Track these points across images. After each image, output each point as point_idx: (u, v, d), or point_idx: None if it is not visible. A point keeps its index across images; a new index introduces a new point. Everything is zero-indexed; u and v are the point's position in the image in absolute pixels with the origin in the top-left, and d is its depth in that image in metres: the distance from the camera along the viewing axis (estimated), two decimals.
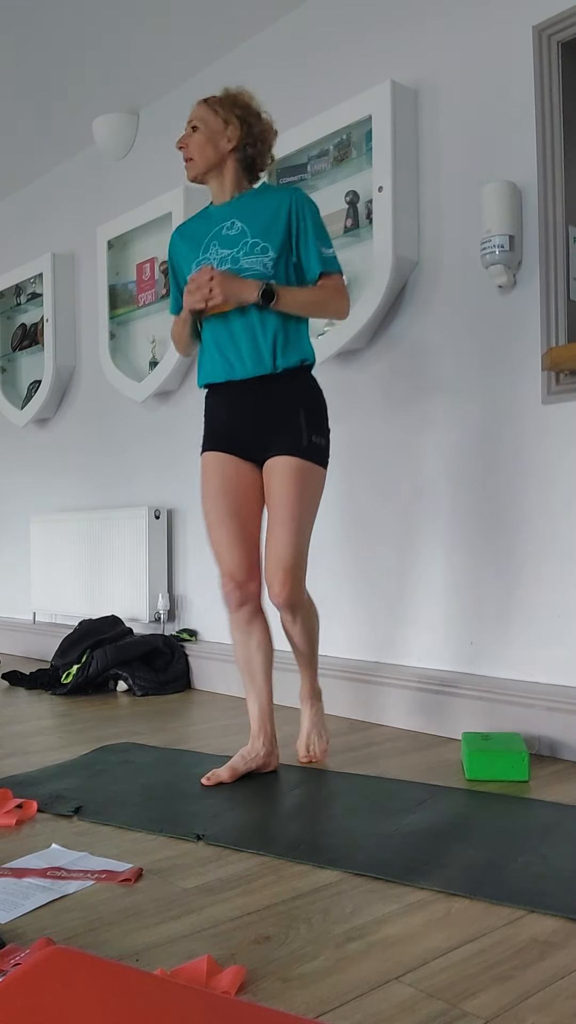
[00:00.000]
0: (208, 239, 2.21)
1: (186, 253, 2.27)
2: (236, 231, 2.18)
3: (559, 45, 2.43)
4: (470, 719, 2.52)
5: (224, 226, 2.20)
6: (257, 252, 2.15)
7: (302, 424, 2.15)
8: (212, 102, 2.21)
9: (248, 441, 2.19)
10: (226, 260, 2.16)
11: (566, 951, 1.25)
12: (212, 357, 2.21)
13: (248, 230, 2.17)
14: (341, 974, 1.20)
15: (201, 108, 2.21)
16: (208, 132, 2.19)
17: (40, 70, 3.57)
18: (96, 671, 3.39)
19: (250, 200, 2.21)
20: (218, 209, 2.24)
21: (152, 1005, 1.00)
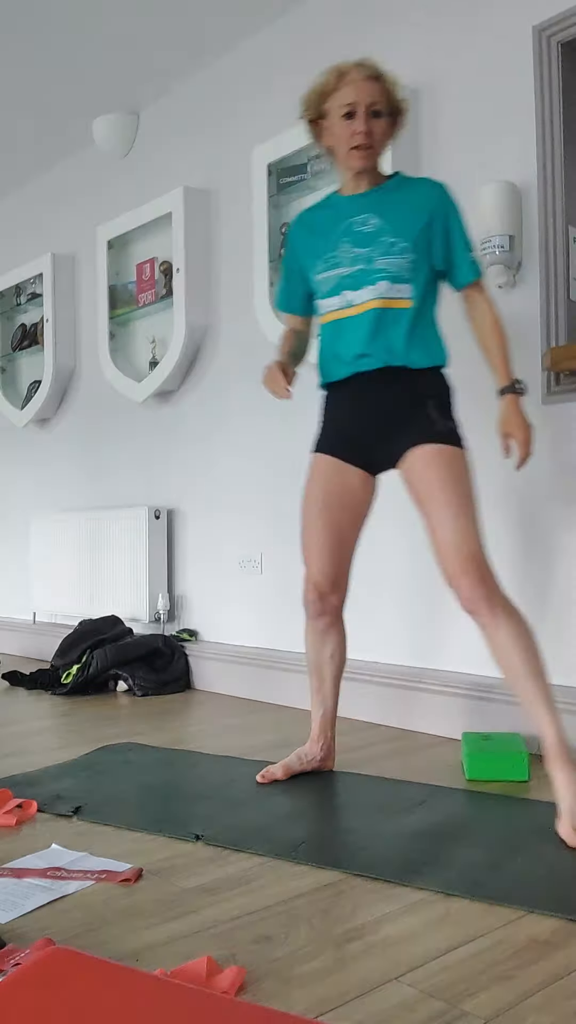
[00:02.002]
0: (338, 234, 2.03)
1: (311, 246, 2.08)
2: (371, 228, 1.99)
3: (559, 45, 2.43)
4: (470, 719, 2.52)
5: (356, 221, 2.01)
6: (395, 253, 1.97)
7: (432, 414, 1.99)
8: (389, 83, 1.99)
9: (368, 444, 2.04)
10: (359, 260, 1.99)
11: (566, 951, 1.25)
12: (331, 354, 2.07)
13: (385, 227, 1.98)
14: (341, 974, 1.20)
15: (379, 88, 1.97)
16: (388, 121, 1.99)
17: (40, 70, 3.56)
18: (96, 671, 3.39)
19: (389, 193, 2.02)
20: (350, 201, 2.04)
21: (152, 1005, 1.00)
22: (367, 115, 1.96)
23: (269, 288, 3.17)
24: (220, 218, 3.54)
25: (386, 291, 1.97)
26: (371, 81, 1.96)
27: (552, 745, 1.75)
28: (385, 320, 1.98)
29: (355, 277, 2.00)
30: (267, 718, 2.90)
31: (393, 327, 1.98)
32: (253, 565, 3.38)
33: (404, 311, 1.98)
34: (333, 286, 2.03)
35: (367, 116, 1.96)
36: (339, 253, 2.02)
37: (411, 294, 1.98)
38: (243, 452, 3.43)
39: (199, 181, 3.64)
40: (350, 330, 2.02)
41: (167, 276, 3.72)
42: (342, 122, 1.97)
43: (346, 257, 2.01)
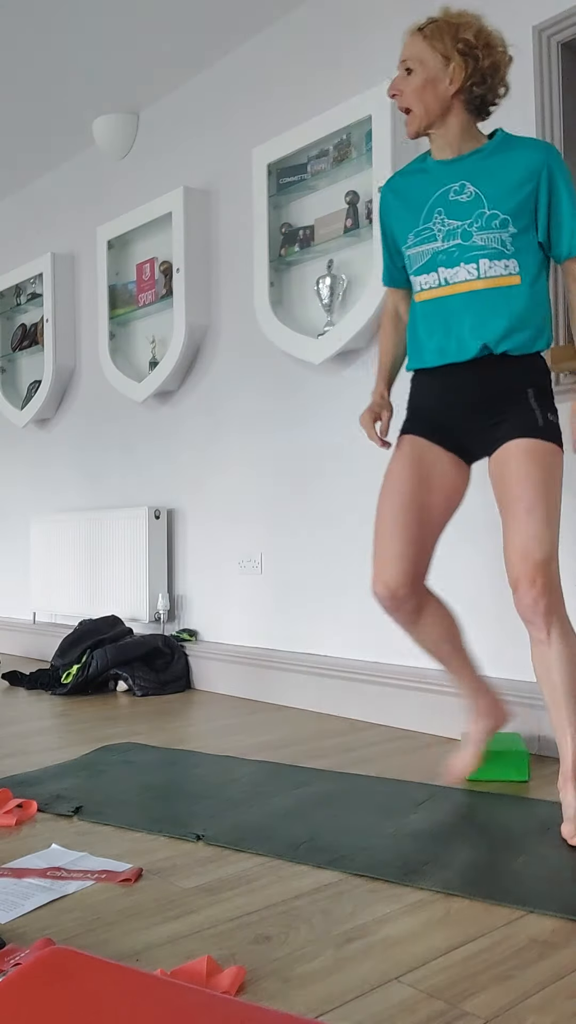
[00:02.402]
0: (431, 204, 1.84)
1: (402, 218, 1.90)
2: (468, 197, 1.80)
3: (559, 45, 2.43)
4: None
5: (452, 189, 1.82)
6: (495, 226, 1.78)
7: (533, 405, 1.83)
8: (429, 34, 1.80)
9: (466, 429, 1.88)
10: (454, 233, 1.81)
11: (566, 951, 1.25)
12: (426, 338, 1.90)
13: (484, 197, 1.79)
14: (341, 974, 1.20)
15: (415, 42, 1.81)
16: (427, 74, 1.80)
17: (40, 70, 3.56)
18: (96, 671, 3.39)
19: (487, 158, 1.82)
20: (443, 166, 1.85)
21: (152, 1005, 1.00)
22: (400, 75, 1.83)
23: (269, 288, 3.18)
24: (220, 218, 3.54)
25: (486, 269, 1.80)
26: (409, 36, 1.82)
27: (569, 766, 1.71)
28: (485, 301, 1.80)
29: (450, 253, 1.83)
30: (267, 718, 2.90)
31: (494, 309, 1.80)
32: (253, 565, 3.38)
33: (508, 290, 1.80)
34: (426, 262, 1.86)
35: (400, 76, 1.83)
36: (432, 225, 1.84)
37: (516, 270, 1.80)
38: (243, 452, 3.43)
39: (199, 181, 3.64)
40: (445, 312, 1.85)
41: (167, 276, 3.72)
42: None
43: (440, 230, 1.83)
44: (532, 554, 1.71)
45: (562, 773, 1.72)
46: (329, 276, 3.01)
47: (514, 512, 1.75)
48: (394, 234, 1.95)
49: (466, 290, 1.82)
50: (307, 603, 3.16)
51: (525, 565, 1.71)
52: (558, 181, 1.78)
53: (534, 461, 1.76)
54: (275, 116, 3.29)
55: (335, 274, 3.01)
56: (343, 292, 3.02)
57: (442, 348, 1.86)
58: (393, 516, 1.87)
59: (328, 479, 3.10)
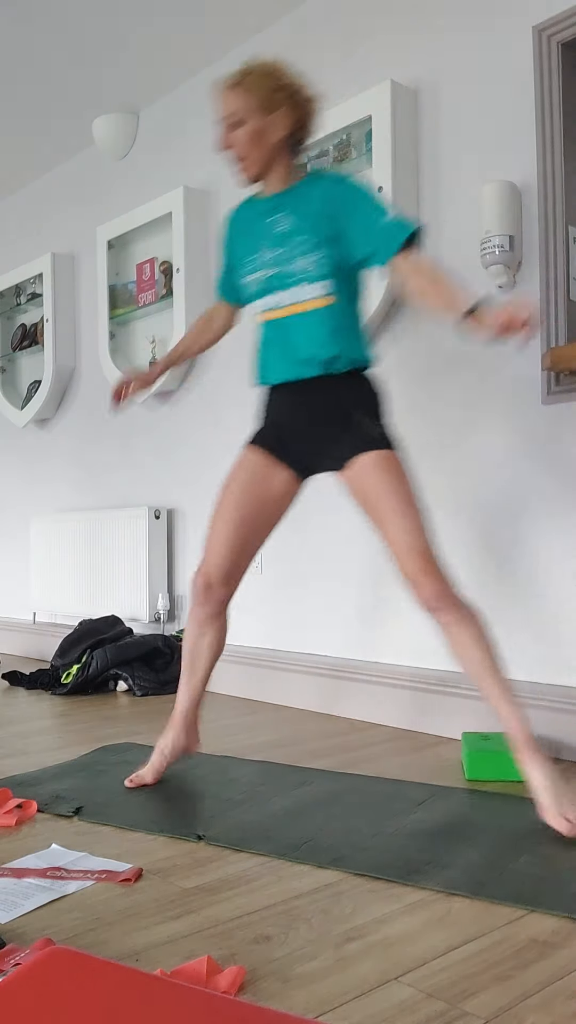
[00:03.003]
0: (259, 235, 2.02)
1: (239, 247, 2.09)
2: (284, 228, 1.97)
3: (559, 45, 2.43)
4: (470, 719, 2.52)
5: (274, 221, 2.00)
6: (309, 252, 1.94)
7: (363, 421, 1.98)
8: (250, 86, 1.91)
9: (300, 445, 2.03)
10: (277, 261, 1.98)
11: (566, 951, 1.25)
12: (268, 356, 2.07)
13: (298, 227, 1.95)
14: (341, 974, 1.20)
15: (237, 96, 1.92)
16: (255, 125, 1.92)
17: (40, 70, 3.56)
18: (96, 671, 3.39)
19: (299, 191, 1.98)
20: (267, 201, 2.03)
21: (152, 1005, 1.00)
22: (227, 129, 1.96)
23: None
24: (220, 218, 3.54)
25: (306, 293, 1.96)
26: (228, 91, 1.94)
27: (520, 738, 1.79)
28: (309, 322, 1.96)
29: (275, 280, 1.99)
30: (267, 718, 2.90)
31: (318, 329, 1.95)
32: (253, 565, 3.38)
33: (327, 310, 1.95)
34: (257, 289, 2.03)
35: (227, 130, 1.96)
36: (260, 255, 2.01)
37: (331, 290, 1.95)
38: None
39: (199, 181, 3.64)
40: (278, 334, 2.01)
41: (167, 276, 3.72)
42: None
43: (266, 259, 2.00)
44: (417, 547, 1.87)
45: (514, 744, 1.80)
46: None
47: (387, 519, 1.91)
48: (233, 261, 2.14)
49: (292, 313, 1.98)
50: (307, 603, 3.16)
51: (414, 559, 1.87)
52: (358, 199, 1.92)
53: (382, 470, 1.92)
54: None
55: None
56: None
57: (278, 367, 2.02)
58: (223, 525, 2.05)
59: (328, 478, 3.10)
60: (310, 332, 1.96)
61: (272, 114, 1.92)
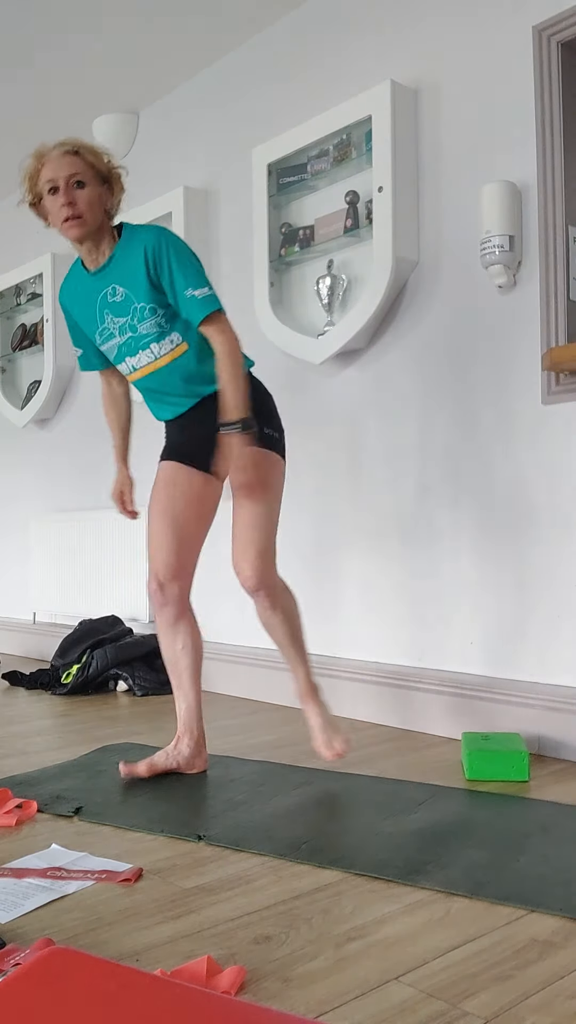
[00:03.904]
0: (98, 308, 2.15)
1: (83, 320, 2.22)
2: (121, 297, 2.11)
3: (559, 45, 2.43)
4: (470, 719, 2.52)
5: (107, 293, 2.13)
6: (147, 314, 2.09)
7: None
8: (90, 157, 2.09)
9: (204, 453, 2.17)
10: (124, 328, 2.13)
11: (566, 951, 1.25)
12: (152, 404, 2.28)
13: (129, 294, 2.10)
14: (341, 974, 1.20)
15: (78, 161, 2.07)
16: (97, 189, 2.09)
17: (40, 70, 3.56)
18: (96, 671, 3.39)
19: (122, 257, 2.10)
20: (96, 276, 2.14)
21: (152, 1005, 1.00)
22: (69, 187, 2.05)
23: (269, 288, 3.17)
24: (220, 218, 3.54)
25: (160, 349, 2.13)
26: (68, 156, 2.05)
27: (305, 685, 2.25)
28: (172, 373, 2.14)
29: (129, 345, 2.15)
30: (267, 718, 2.90)
31: (183, 375, 2.14)
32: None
33: (184, 356, 2.13)
34: (115, 356, 2.19)
35: (69, 188, 2.05)
36: (108, 325, 2.16)
37: (180, 339, 2.12)
38: None
39: (199, 181, 3.64)
40: (149, 386, 2.19)
41: None
42: (50, 198, 2.09)
43: (114, 328, 2.15)
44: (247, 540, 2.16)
45: (298, 695, 2.26)
46: (329, 276, 3.01)
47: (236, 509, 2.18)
48: (84, 330, 2.25)
49: (153, 370, 2.16)
50: (307, 603, 3.16)
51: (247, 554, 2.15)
52: (164, 258, 2.04)
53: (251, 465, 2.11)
54: (275, 116, 3.29)
55: (335, 274, 3.01)
56: (343, 292, 3.02)
57: (164, 410, 2.24)
58: (158, 529, 2.18)
59: (327, 478, 3.10)
60: (177, 379, 2.15)
61: (105, 186, 2.10)
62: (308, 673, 2.26)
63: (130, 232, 2.13)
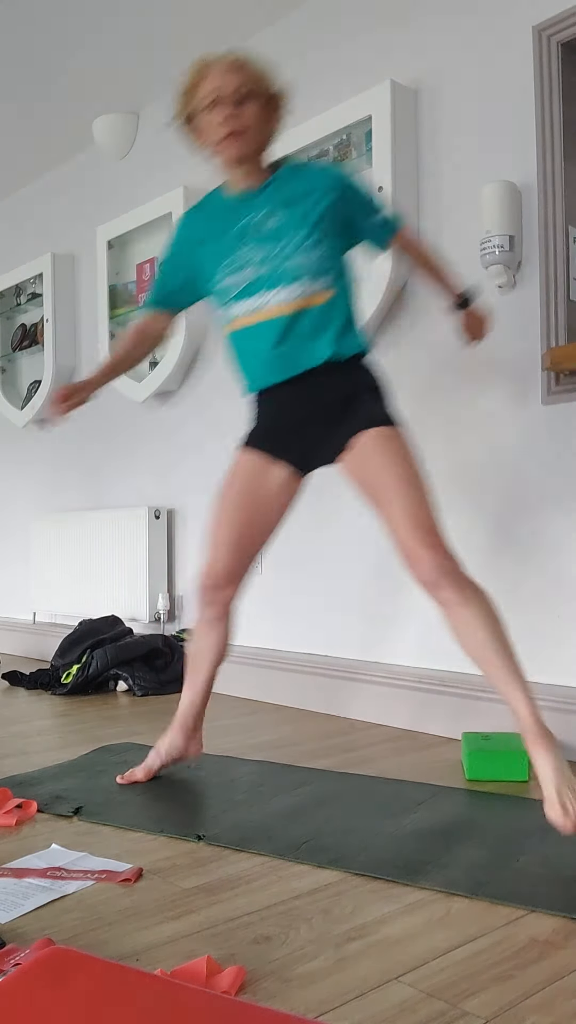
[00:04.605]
0: (236, 236, 1.94)
1: (205, 252, 1.99)
2: (274, 224, 1.91)
3: (559, 45, 2.43)
4: (470, 719, 2.52)
5: (256, 219, 1.92)
6: (306, 247, 1.88)
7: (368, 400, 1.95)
8: (257, 72, 1.89)
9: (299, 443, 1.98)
10: (268, 260, 1.90)
11: (566, 951, 1.25)
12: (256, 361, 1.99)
13: (289, 221, 1.90)
14: (341, 974, 1.20)
15: (243, 73, 1.87)
16: (262, 105, 1.89)
17: (40, 70, 3.56)
18: (96, 671, 3.39)
19: (284, 184, 1.94)
20: (243, 200, 1.95)
21: (152, 1005, 1.00)
22: (233, 100, 1.87)
23: None
24: None
25: (304, 289, 1.89)
26: (234, 67, 1.88)
27: (529, 724, 1.66)
28: (306, 320, 1.90)
29: (266, 279, 1.91)
30: (267, 718, 2.90)
31: (316, 325, 1.90)
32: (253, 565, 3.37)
33: (325, 305, 1.91)
34: (241, 291, 1.94)
35: (233, 101, 1.87)
36: (243, 255, 1.93)
37: (331, 284, 1.91)
38: None
39: (199, 181, 3.64)
40: (268, 335, 1.93)
41: None
42: (208, 113, 1.90)
43: (253, 258, 1.92)
44: (418, 519, 1.78)
45: (524, 730, 1.66)
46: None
47: (386, 494, 1.83)
48: (195, 269, 2.02)
49: (287, 313, 1.90)
50: (307, 603, 3.16)
51: (419, 532, 1.77)
52: (349, 187, 1.94)
53: (387, 444, 1.87)
54: None
55: None
56: None
57: (275, 368, 1.95)
58: (224, 528, 2.03)
59: (328, 478, 3.10)
60: (311, 328, 1.90)
61: (269, 106, 1.92)
62: (530, 700, 1.69)
63: (298, 163, 2.02)
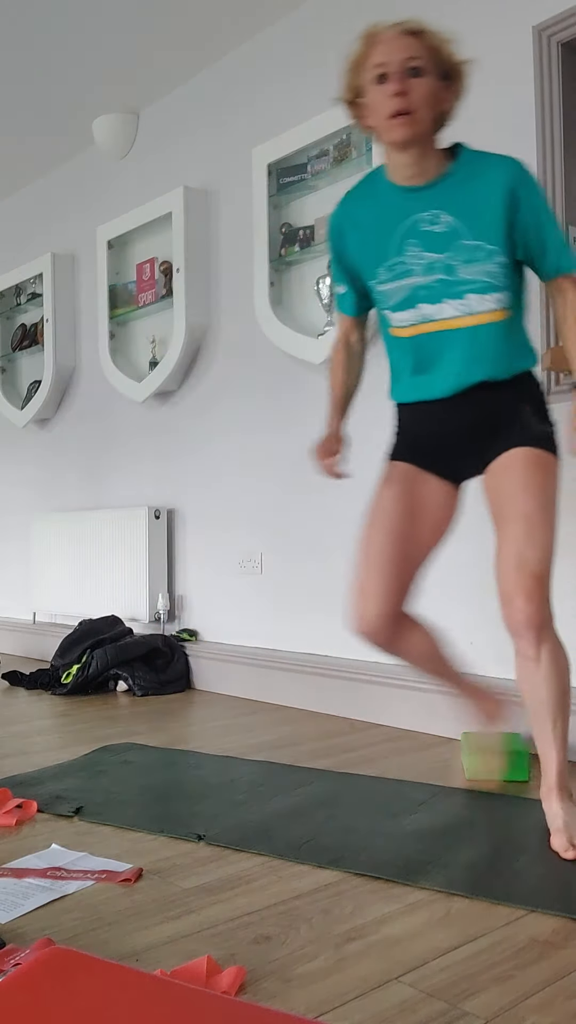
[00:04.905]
0: (401, 236, 1.70)
1: (366, 250, 1.75)
2: (444, 227, 1.66)
3: (559, 45, 2.43)
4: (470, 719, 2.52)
5: (423, 218, 1.68)
6: (481, 258, 1.65)
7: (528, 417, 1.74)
8: (433, 42, 1.63)
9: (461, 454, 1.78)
10: (436, 267, 1.67)
11: (566, 951, 1.25)
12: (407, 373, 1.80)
13: (463, 227, 1.66)
14: (341, 974, 1.20)
15: (417, 44, 1.62)
16: (434, 81, 1.63)
17: (40, 70, 3.56)
18: (96, 671, 3.39)
19: (457, 182, 1.67)
20: (409, 193, 1.69)
21: (152, 1005, 1.00)
22: (402, 74, 1.61)
23: (269, 288, 3.17)
24: (220, 218, 3.54)
25: (475, 305, 1.68)
26: (407, 36, 1.62)
27: (554, 781, 1.67)
28: (476, 337, 1.69)
29: (433, 289, 1.69)
30: (267, 718, 2.90)
31: (484, 343, 1.69)
32: (253, 565, 3.38)
33: (498, 324, 1.69)
34: (404, 298, 1.72)
35: (402, 75, 1.61)
36: (407, 259, 1.70)
37: (505, 303, 1.69)
38: (243, 452, 3.43)
39: (199, 181, 3.64)
40: (431, 349, 1.73)
41: (167, 276, 3.72)
42: (375, 88, 1.63)
43: (418, 264, 1.69)
44: (529, 566, 1.62)
45: (545, 784, 1.68)
46: (329, 276, 3.01)
47: (510, 523, 1.66)
48: (355, 265, 1.80)
49: (454, 327, 1.70)
50: (307, 603, 3.16)
51: (521, 577, 1.62)
52: (534, 198, 1.67)
53: (530, 468, 1.68)
54: (275, 116, 3.29)
55: None
56: None
57: (429, 383, 1.76)
58: (379, 549, 1.76)
59: (327, 478, 3.10)
60: (480, 349, 1.70)
61: (445, 81, 1.66)
62: (564, 761, 1.68)
63: (474, 154, 1.70)
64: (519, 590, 1.62)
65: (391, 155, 1.69)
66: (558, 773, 1.67)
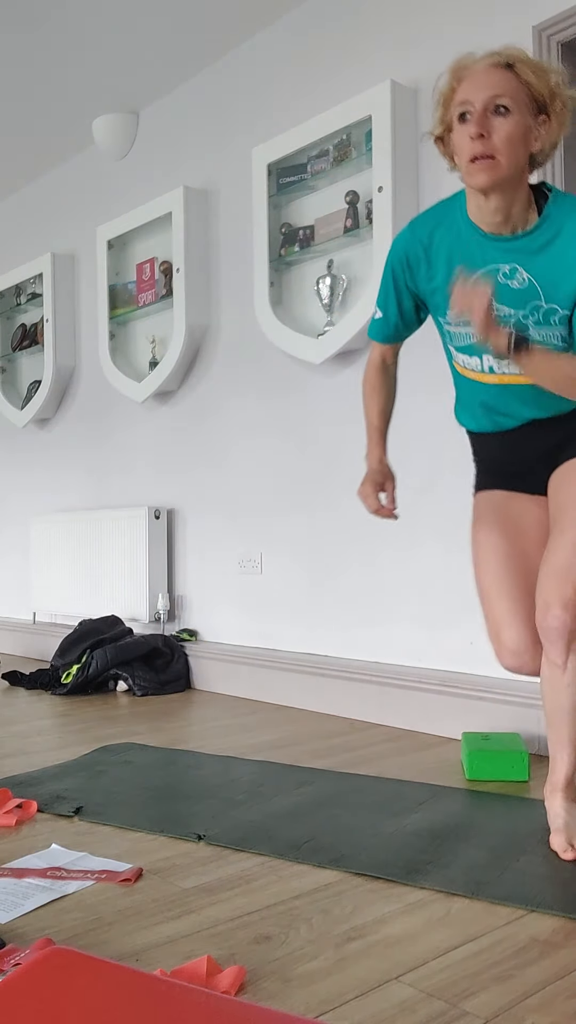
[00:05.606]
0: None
1: (438, 286, 1.69)
2: (522, 284, 1.60)
3: (559, 45, 2.43)
4: (470, 719, 2.52)
5: (502, 271, 1.61)
6: (554, 323, 1.61)
7: None
8: (528, 77, 1.51)
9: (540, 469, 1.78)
10: (507, 322, 1.61)
11: (566, 951, 1.25)
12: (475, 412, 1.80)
13: (540, 289, 1.59)
14: (341, 974, 1.20)
15: (508, 79, 1.50)
16: (524, 121, 1.51)
17: (40, 70, 3.56)
18: (96, 671, 3.39)
19: (542, 241, 1.59)
20: (492, 241, 1.62)
21: (152, 1005, 1.00)
22: (485, 113, 1.51)
23: (269, 288, 3.17)
24: (220, 218, 3.54)
25: None
26: (497, 70, 1.51)
27: (561, 780, 1.67)
28: (541, 395, 1.68)
29: None
30: (267, 718, 2.90)
31: (549, 400, 1.70)
32: (253, 565, 3.38)
33: None
34: (468, 347, 1.70)
35: (485, 115, 1.51)
36: None
37: None
38: (243, 452, 3.43)
39: (199, 181, 3.64)
40: (498, 398, 1.74)
41: (167, 276, 3.72)
42: (459, 127, 1.55)
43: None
44: (570, 574, 1.59)
45: (551, 783, 1.69)
46: (329, 276, 3.01)
47: (559, 531, 1.65)
48: (422, 296, 1.75)
49: (518, 383, 1.68)
50: (307, 603, 3.16)
51: (561, 583, 1.59)
52: None
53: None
54: (275, 116, 3.29)
55: (335, 274, 3.01)
56: (343, 292, 3.02)
57: (497, 422, 1.78)
58: (497, 586, 1.74)
59: (328, 479, 3.10)
60: (545, 401, 1.70)
61: (538, 118, 1.54)
62: (572, 763, 1.68)
63: (562, 207, 1.59)
64: (558, 598, 1.60)
65: (475, 195, 1.62)
66: (566, 774, 1.68)
